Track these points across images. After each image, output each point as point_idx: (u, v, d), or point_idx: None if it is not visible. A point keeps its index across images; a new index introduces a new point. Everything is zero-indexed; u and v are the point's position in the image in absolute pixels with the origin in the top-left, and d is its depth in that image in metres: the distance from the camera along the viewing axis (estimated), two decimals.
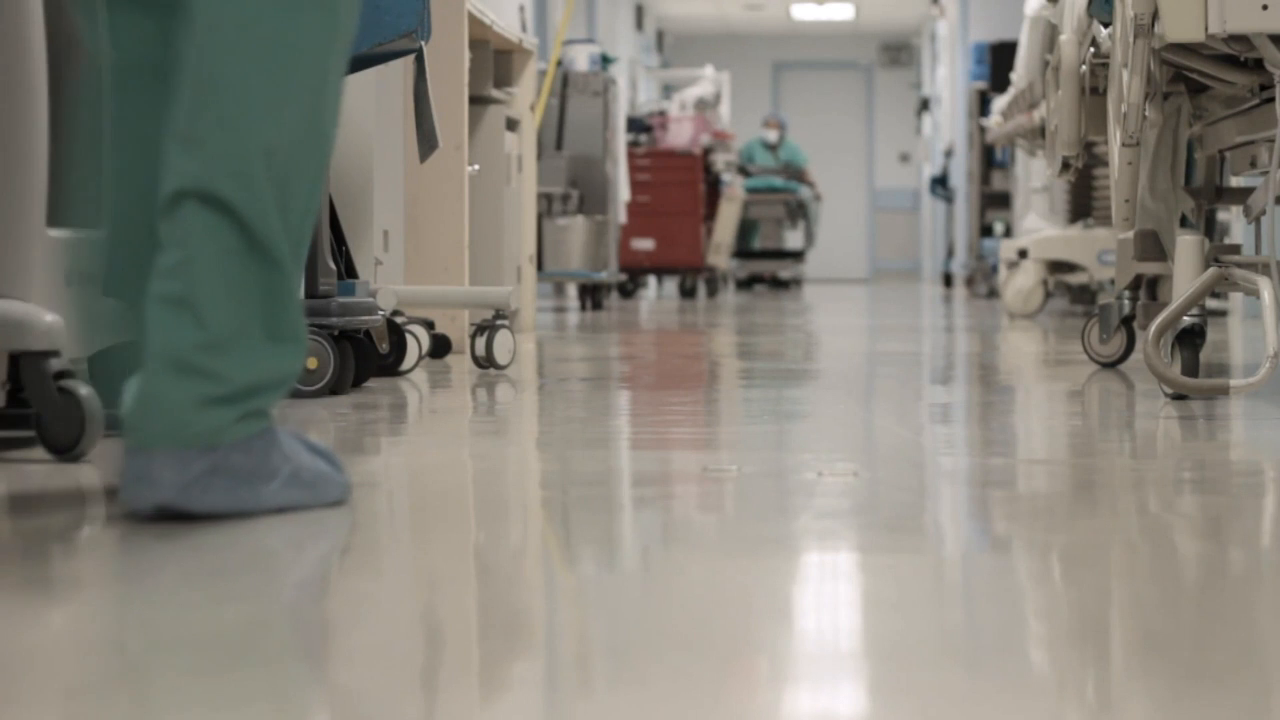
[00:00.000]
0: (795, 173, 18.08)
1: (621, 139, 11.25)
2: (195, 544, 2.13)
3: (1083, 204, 10.09)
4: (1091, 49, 5.00)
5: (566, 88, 10.68)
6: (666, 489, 2.62)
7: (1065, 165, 5.32)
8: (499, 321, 5.09)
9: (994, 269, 13.27)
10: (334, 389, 4.19)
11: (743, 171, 17.30)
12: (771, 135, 18.32)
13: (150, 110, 2.44)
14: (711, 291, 14.75)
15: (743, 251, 17.78)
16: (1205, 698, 1.37)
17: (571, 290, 13.64)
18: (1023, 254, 9.41)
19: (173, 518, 2.22)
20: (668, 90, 21.96)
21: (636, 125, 14.29)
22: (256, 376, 2.27)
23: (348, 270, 4.52)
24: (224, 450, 2.24)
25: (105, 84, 2.47)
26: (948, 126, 19.14)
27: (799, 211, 17.90)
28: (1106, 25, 4.71)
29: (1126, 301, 4.96)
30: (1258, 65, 3.99)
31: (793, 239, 18.33)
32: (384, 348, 4.82)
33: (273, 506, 2.28)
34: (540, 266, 10.29)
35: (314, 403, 4.00)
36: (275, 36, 2.30)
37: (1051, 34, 7.27)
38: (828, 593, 1.82)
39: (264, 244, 2.27)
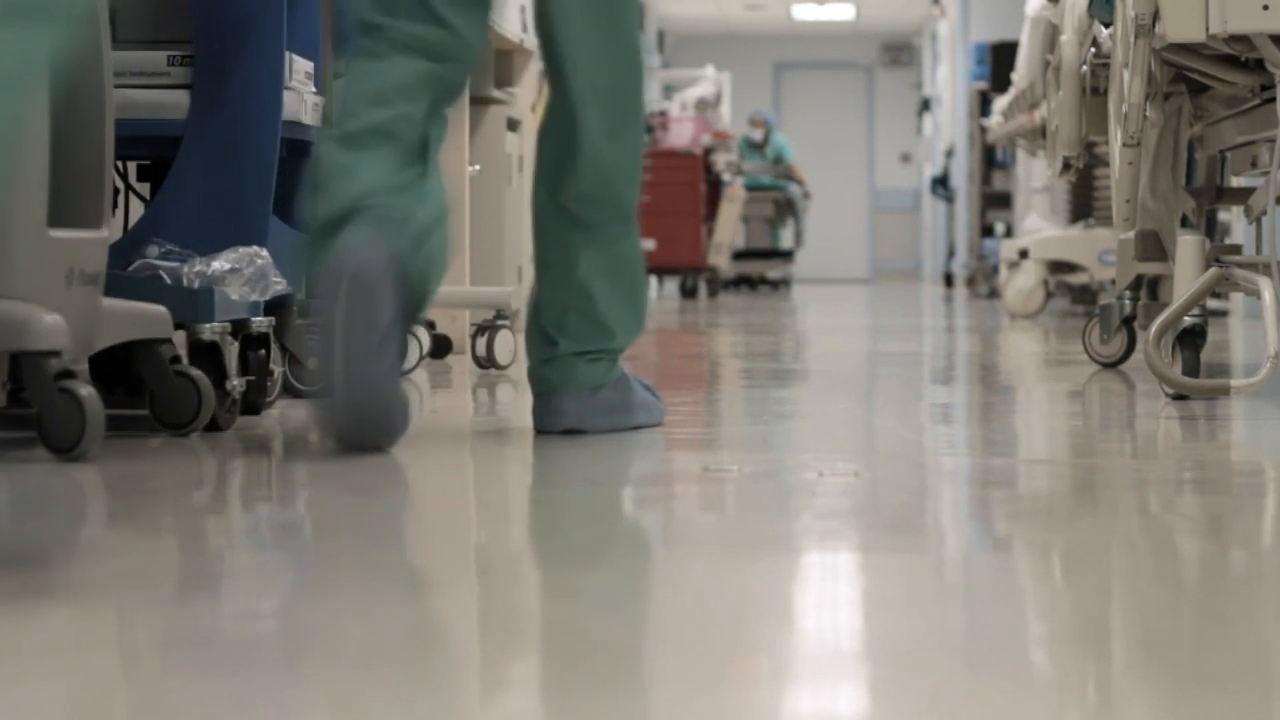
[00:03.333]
0: (784, 170, 18.04)
1: None
2: (195, 544, 2.13)
3: (1083, 204, 10.09)
4: (1092, 49, 5.00)
5: None
6: (667, 489, 2.62)
7: (1066, 165, 5.32)
8: (500, 322, 5.08)
9: (995, 269, 13.26)
10: None
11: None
12: (757, 134, 18.26)
13: None
14: (712, 292, 14.74)
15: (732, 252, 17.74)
16: (1206, 698, 1.37)
17: None
18: (1023, 254, 9.41)
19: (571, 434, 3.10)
20: (668, 90, 21.94)
21: None
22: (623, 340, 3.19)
23: None
24: (607, 388, 3.17)
25: None
26: (948, 126, 19.14)
27: (788, 209, 17.86)
28: (1107, 25, 4.70)
29: (1127, 302, 4.96)
30: (1258, 65, 3.98)
31: (783, 238, 18.29)
32: None
33: (633, 425, 3.21)
34: None
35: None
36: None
37: (1052, 34, 7.27)
38: (828, 593, 1.82)
39: None
